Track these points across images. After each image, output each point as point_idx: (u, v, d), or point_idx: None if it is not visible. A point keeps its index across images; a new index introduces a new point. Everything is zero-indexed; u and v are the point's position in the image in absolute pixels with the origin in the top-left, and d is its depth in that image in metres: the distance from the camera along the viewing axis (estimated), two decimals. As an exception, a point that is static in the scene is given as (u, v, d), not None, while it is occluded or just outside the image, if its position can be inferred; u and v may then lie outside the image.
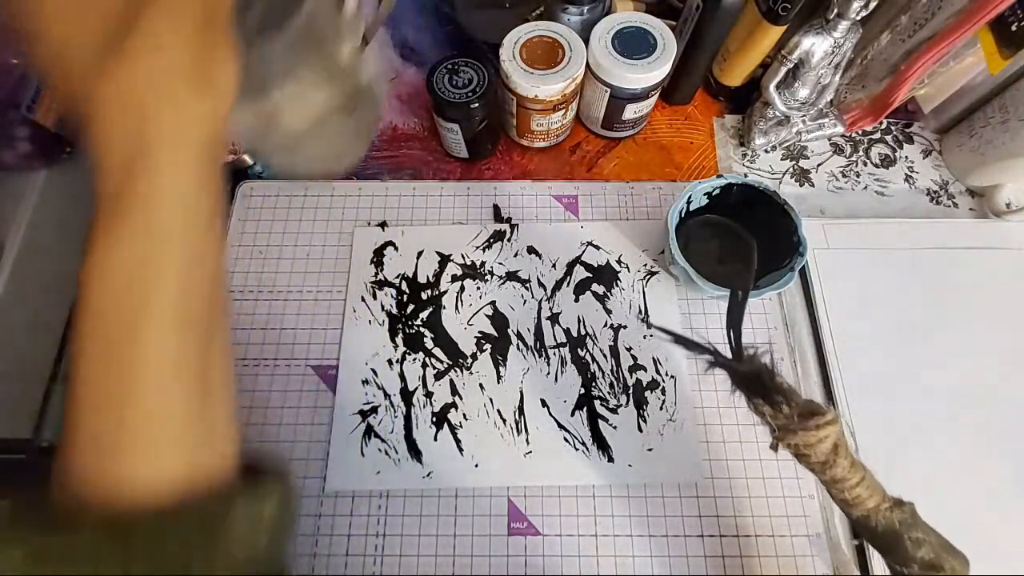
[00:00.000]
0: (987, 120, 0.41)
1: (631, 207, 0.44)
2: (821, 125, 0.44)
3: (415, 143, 0.47)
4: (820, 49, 0.37)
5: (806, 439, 0.25)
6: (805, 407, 0.25)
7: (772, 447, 0.26)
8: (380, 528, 0.34)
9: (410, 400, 0.37)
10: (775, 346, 0.39)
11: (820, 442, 0.25)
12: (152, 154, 0.17)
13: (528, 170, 0.46)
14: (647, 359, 0.39)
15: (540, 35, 0.40)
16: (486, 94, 0.39)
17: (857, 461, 0.26)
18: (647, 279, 0.41)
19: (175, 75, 0.17)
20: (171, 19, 0.17)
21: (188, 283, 0.18)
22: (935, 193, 0.45)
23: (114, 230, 0.17)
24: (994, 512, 0.35)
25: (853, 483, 0.25)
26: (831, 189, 0.45)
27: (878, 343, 0.39)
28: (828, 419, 0.25)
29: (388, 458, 0.36)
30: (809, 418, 0.25)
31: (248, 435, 0.37)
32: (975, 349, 0.38)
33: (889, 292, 0.40)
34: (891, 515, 0.25)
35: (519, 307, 0.40)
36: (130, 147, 0.17)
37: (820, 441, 0.25)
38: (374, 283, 0.41)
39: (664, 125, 0.48)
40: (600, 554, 0.34)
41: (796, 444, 0.25)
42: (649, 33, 0.40)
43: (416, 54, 0.51)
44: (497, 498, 0.35)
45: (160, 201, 0.17)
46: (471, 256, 0.42)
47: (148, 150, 0.17)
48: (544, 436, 0.37)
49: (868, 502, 0.25)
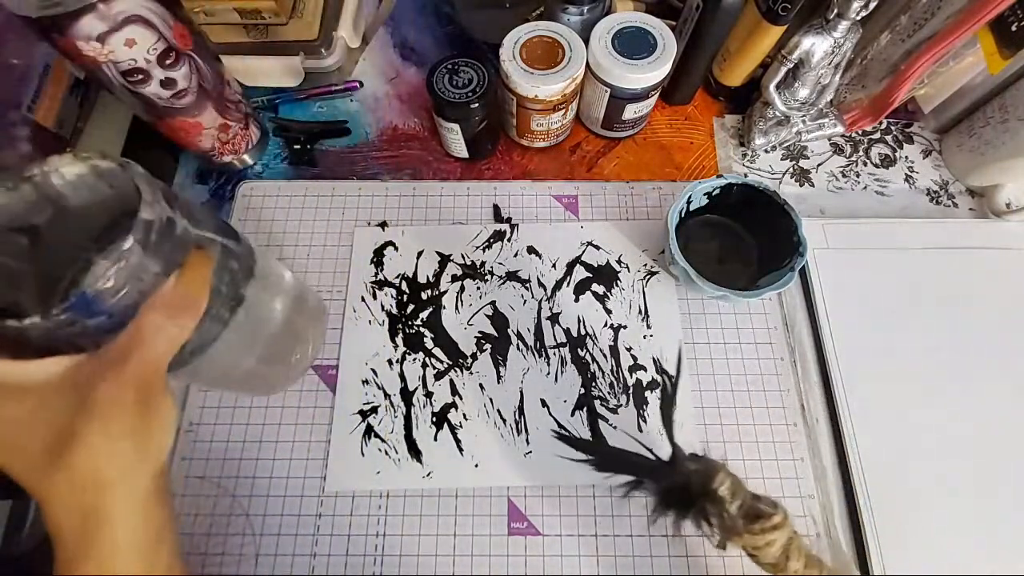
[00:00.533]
0: (987, 120, 0.41)
1: (631, 207, 0.44)
2: (821, 125, 0.44)
3: (415, 143, 0.47)
4: (820, 49, 0.37)
5: (753, 542, 0.24)
6: (751, 508, 0.24)
7: (718, 546, 0.25)
8: (380, 528, 0.34)
9: (410, 400, 0.37)
10: (775, 346, 0.39)
11: (768, 545, 0.24)
12: (104, 514, 0.19)
13: (528, 170, 0.46)
14: (647, 359, 0.39)
15: (540, 35, 0.40)
16: (486, 94, 0.39)
17: (814, 558, 0.25)
18: (647, 279, 0.41)
19: (120, 450, 0.19)
20: (107, 421, 0.19)
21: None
22: (935, 193, 0.45)
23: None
24: (994, 509, 0.35)
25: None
26: (831, 189, 0.45)
27: (878, 343, 0.39)
28: (774, 523, 0.24)
29: (388, 458, 0.36)
30: (755, 521, 0.24)
31: (248, 435, 0.37)
32: (975, 349, 0.38)
33: (889, 292, 0.40)
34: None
35: (519, 307, 0.40)
36: (84, 514, 0.19)
37: (768, 544, 0.24)
38: (374, 283, 0.41)
39: (664, 125, 0.48)
40: (600, 554, 0.34)
41: (744, 546, 0.24)
42: (649, 33, 0.39)
43: (416, 54, 0.51)
44: (497, 498, 0.35)
45: (113, 549, 0.19)
46: (471, 256, 0.42)
47: (101, 513, 0.19)
48: (544, 436, 0.37)
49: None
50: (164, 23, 0.32)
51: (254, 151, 0.45)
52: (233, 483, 0.35)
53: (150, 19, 0.31)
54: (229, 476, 0.36)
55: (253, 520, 0.35)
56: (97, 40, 0.29)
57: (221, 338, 0.25)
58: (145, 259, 0.20)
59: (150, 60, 0.32)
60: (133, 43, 0.31)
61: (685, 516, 0.25)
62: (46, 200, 0.22)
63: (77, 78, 0.42)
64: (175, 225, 0.21)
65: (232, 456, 0.36)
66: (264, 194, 0.44)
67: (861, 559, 0.34)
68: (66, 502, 0.18)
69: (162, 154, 0.45)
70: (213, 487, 0.35)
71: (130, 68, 0.32)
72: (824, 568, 0.25)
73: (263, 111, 0.47)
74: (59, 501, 0.18)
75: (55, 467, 0.18)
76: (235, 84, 0.41)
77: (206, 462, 0.36)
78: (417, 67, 0.50)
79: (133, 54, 0.31)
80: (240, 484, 0.35)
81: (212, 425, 0.37)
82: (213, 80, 0.37)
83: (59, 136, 0.41)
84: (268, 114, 0.47)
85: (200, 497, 0.35)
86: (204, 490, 0.35)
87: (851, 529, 0.35)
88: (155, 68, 0.33)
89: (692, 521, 0.25)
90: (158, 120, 0.37)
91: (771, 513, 0.24)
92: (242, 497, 0.35)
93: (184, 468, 0.36)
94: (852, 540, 0.34)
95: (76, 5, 0.27)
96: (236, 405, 0.37)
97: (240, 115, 0.41)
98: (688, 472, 0.25)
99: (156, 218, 0.20)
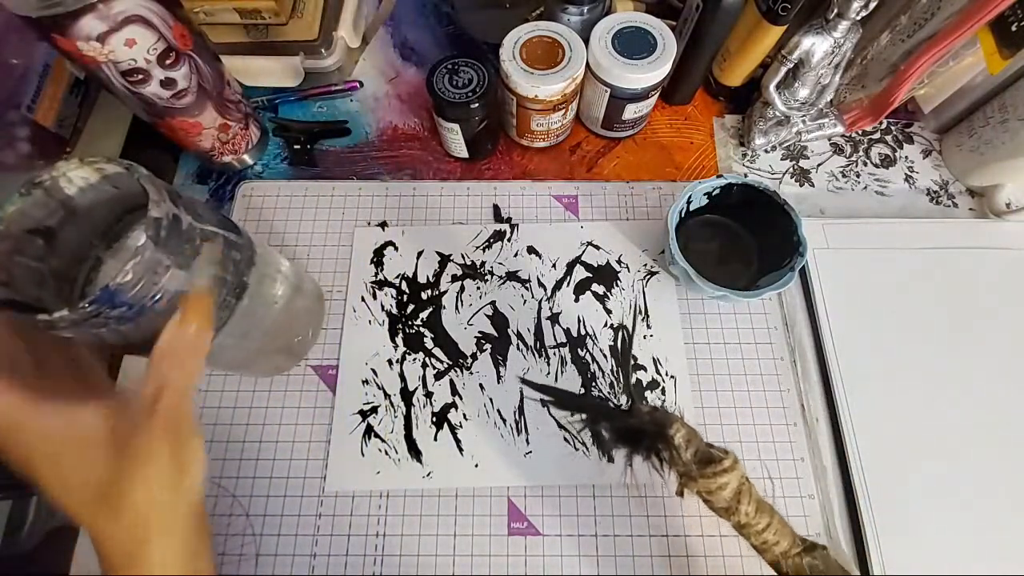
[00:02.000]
0: (987, 120, 0.41)
1: (631, 207, 0.44)
2: (821, 125, 0.44)
3: (415, 143, 0.47)
4: (820, 49, 0.37)
5: (706, 486, 0.25)
6: (704, 454, 0.26)
7: (677, 493, 0.27)
8: (380, 528, 0.34)
9: (410, 400, 0.37)
10: (775, 346, 0.39)
11: (721, 488, 0.25)
12: (147, 549, 0.21)
13: (528, 170, 0.46)
14: (647, 359, 0.39)
15: (540, 35, 0.40)
16: (486, 94, 0.39)
17: (765, 504, 0.26)
18: (647, 279, 0.41)
19: (159, 495, 0.21)
20: (146, 471, 0.21)
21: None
22: (935, 193, 0.45)
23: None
24: (994, 509, 0.35)
25: (759, 528, 0.25)
26: (831, 189, 0.45)
27: (878, 343, 0.39)
28: (725, 466, 0.25)
29: (388, 458, 0.36)
30: (707, 465, 0.25)
31: (248, 435, 0.37)
32: (975, 349, 0.38)
33: (889, 292, 0.40)
34: (800, 560, 0.25)
35: (519, 307, 0.40)
36: (130, 551, 0.21)
37: (720, 488, 0.25)
38: (374, 283, 0.41)
39: (664, 125, 0.48)
40: (600, 554, 0.34)
41: (698, 491, 0.26)
42: (649, 33, 0.39)
43: (416, 54, 0.51)
44: (497, 498, 0.35)
45: (158, 567, 0.21)
46: (471, 256, 0.42)
47: (144, 548, 0.21)
48: (544, 436, 0.37)
49: (776, 547, 0.25)
50: (164, 23, 0.31)
51: (254, 151, 0.45)
52: (233, 483, 0.35)
53: (150, 19, 0.31)
54: (229, 476, 0.36)
55: (253, 520, 0.35)
56: (97, 40, 0.29)
57: (228, 323, 0.28)
58: (157, 253, 0.22)
59: (150, 60, 0.32)
60: (133, 43, 0.31)
61: (637, 452, 0.27)
62: (57, 203, 0.24)
63: (77, 78, 0.42)
64: (181, 221, 0.23)
65: (232, 456, 0.36)
66: (264, 194, 0.44)
67: (861, 559, 0.34)
68: (115, 540, 0.21)
69: (162, 154, 0.45)
70: (213, 487, 0.35)
71: (130, 68, 0.32)
72: (775, 515, 0.26)
73: (263, 111, 0.47)
74: (108, 539, 0.21)
75: (104, 514, 0.21)
76: (235, 84, 0.41)
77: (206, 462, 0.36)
78: (417, 67, 0.50)
79: (133, 54, 0.31)
80: (240, 484, 0.35)
81: (212, 425, 0.37)
82: (213, 80, 0.37)
83: (59, 136, 0.41)
84: (268, 114, 0.47)
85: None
86: (204, 490, 0.35)
87: (851, 529, 0.35)
88: (155, 68, 0.33)
89: (644, 457, 0.26)
90: (158, 120, 0.37)
91: (722, 457, 0.25)
92: (242, 497, 0.35)
93: (184, 468, 0.36)
94: (852, 540, 0.34)
95: (76, 5, 0.27)
96: (236, 406, 0.37)
97: (240, 115, 0.41)
98: (645, 419, 0.26)
99: (164, 215, 0.22)
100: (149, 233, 0.21)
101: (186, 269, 0.23)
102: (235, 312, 0.28)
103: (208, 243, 0.25)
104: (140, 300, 0.22)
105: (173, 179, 0.45)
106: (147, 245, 0.21)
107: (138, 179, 0.22)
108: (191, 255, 0.24)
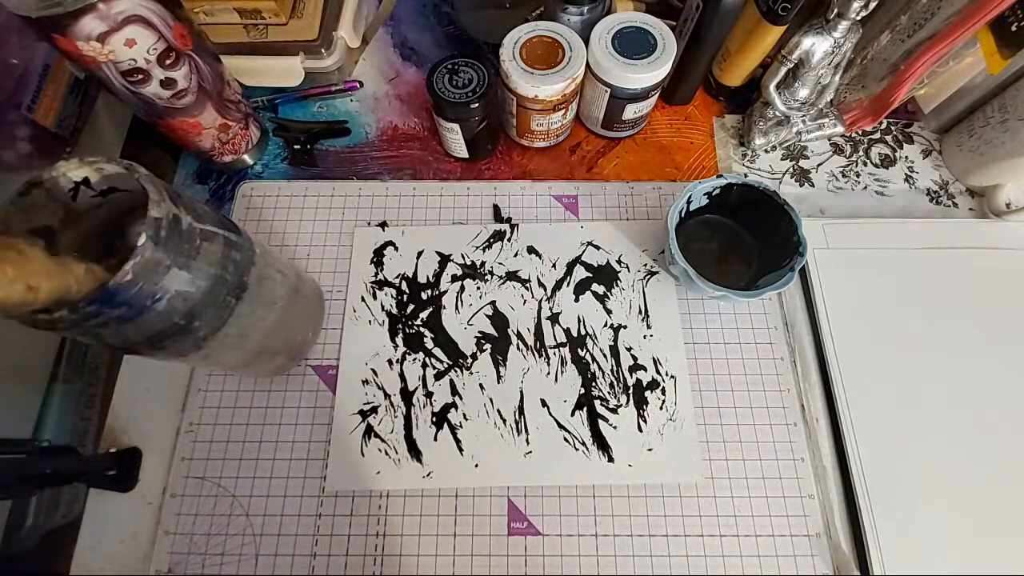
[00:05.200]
0: (987, 120, 0.41)
1: (631, 207, 0.44)
2: (821, 125, 0.44)
3: (415, 143, 0.47)
4: (820, 49, 0.37)
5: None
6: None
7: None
8: (380, 528, 0.34)
9: (410, 400, 0.37)
10: (775, 346, 0.39)
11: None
12: None
13: (528, 170, 0.46)
14: (647, 359, 0.39)
15: (540, 35, 0.40)
16: (486, 94, 0.39)
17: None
18: (647, 279, 0.41)
19: None
20: None
21: None
22: (935, 193, 0.45)
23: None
24: (994, 509, 0.35)
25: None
26: (831, 189, 0.45)
27: (878, 343, 0.39)
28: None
29: (388, 458, 0.36)
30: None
31: (248, 435, 0.37)
32: (975, 349, 0.38)
33: (889, 292, 0.40)
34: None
35: (519, 307, 0.40)
36: None
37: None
38: (374, 283, 0.41)
39: (664, 125, 0.48)
40: (600, 554, 0.34)
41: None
42: (649, 33, 0.39)
43: (416, 54, 0.51)
44: (497, 498, 0.35)
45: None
46: (471, 256, 0.42)
47: None
48: (544, 436, 0.37)
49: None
50: (164, 23, 0.32)
51: (254, 151, 0.45)
52: (233, 483, 0.35)
53: (150, 19, 0.31)
54: (229, 476, 0.36)
55: (253, 520, 0.35)
56: (97, 40, 0.29)
57: (229, 323, 0.28)
58: (157, 253, 0.22)
59: (150, 60, 0.32)
60: (133, 43, 0.31)
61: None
62: (57, 203, 0.24)
63: (77, 78, 0.42)
64: (181, 221, 0.23)
65: (232, 456, 0.36)
66: (264, 194, 0.44)
67: (861, 559, 0.34)
68: None
69: (162, 154, 0.45)
70: (213, 487, 0.35)
71: (130, 68, 0.32)
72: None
73: (263, 111, 0.47)
74: None
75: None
76: (235, 84, 0.41)
77: (206, 462, 0.36)
78: (417, 67, 0.50)
79: (133, 54, 0.31)
80: (240, 484, 0.35)
81: (212, 425, 0.37)
82: (213, 80, 0.37)
83: (59, 136, 0.41)
84: (268, 114, 0.47)
85: (200, 497, 0.35)
86: (204, 490, 0.35)
87: (851, 529, 0.35)
88: (155, 68, 0.33)
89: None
90: (158, 120, 0.37)
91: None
92: (242, 497, 0.35)
93: (184, 468, 0.36)
94: (852, 540, 0.34)
95: (76, 5, 0.27)
96: (236, 405, 0.37)
97: (240, 115, 0.41)
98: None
99: (164, 215, 0.22)
100: (149, 233, 0.21)
101: (186, 269, 0.23)
102: (235, 311, 0.28)
103: (208, 243, 0.25)
104: (140, 300, 0.22)
105: (173, 179, 0.45)
106: (147, 245, 0.21)
107: (138, 179, 0.22)
108: (191, 255, 0.24)
